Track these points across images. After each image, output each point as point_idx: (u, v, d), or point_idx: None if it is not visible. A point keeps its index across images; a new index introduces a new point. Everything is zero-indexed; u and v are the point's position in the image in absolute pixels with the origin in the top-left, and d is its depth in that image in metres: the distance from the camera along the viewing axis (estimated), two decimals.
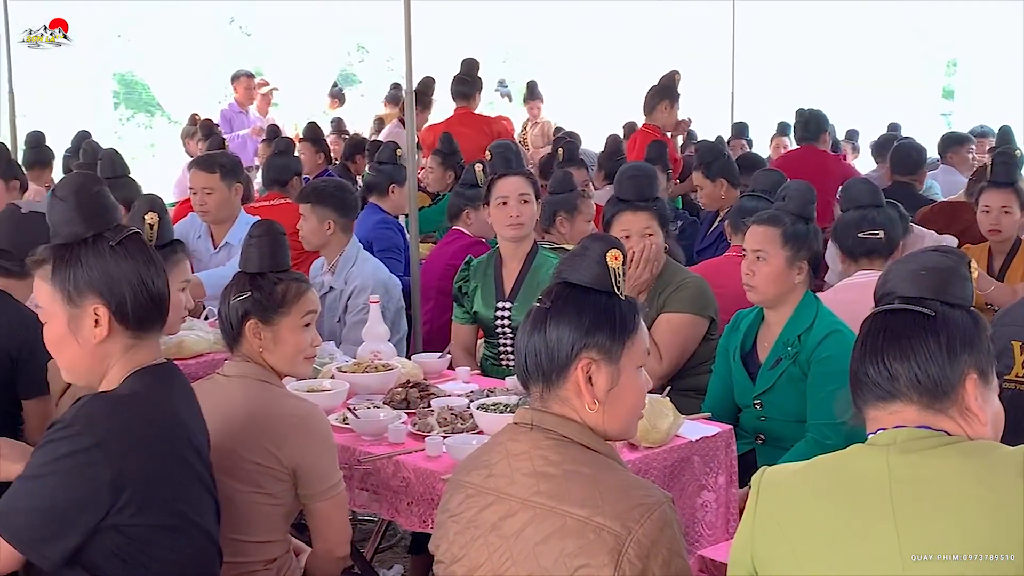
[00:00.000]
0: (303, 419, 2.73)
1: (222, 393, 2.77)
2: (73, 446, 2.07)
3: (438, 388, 3.62)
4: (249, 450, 2.67)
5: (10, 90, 7.18)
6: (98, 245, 2.18)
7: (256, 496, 2.69)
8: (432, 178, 6.77)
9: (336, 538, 2.77)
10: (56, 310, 2.19)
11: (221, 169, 5.18)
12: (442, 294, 4.93)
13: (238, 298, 2.85)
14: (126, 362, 2.21)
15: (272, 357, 2.84)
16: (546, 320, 2.08)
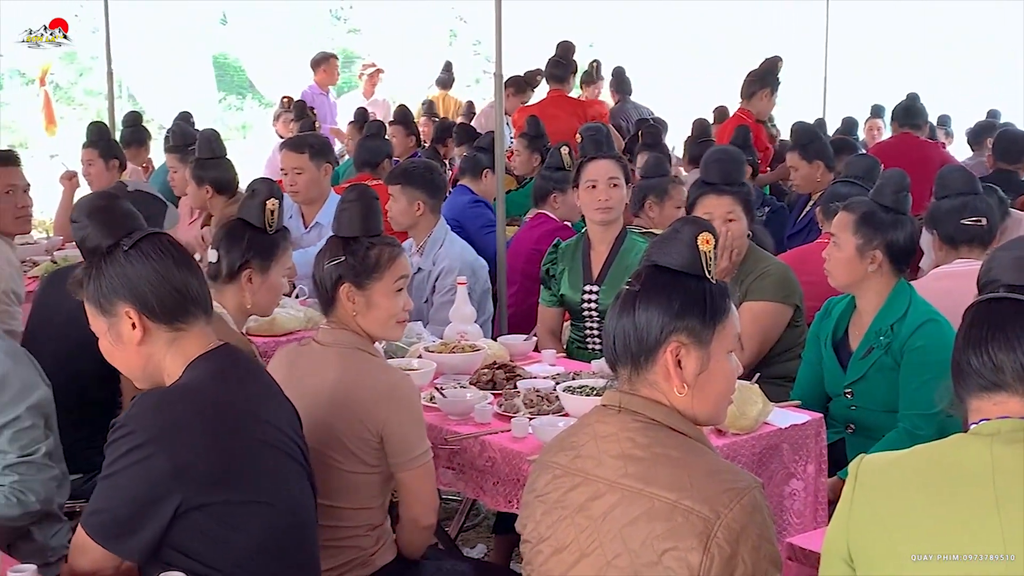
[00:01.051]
0: (392, 388, 2.77)
1: (317, 361, 2.81)
2: (129, 444, 2.13)
3: (524, 370, 3.63)
4: (340, 419, 2.72)
5: (109, 71, 7.35)
6: (114, 253, 2.25)
7: (351, 464, 2.74)
8: (518, 161, 6.77)
9: (422, 508, 2.81)
10: (99, 324, 2.28)
11: (310, 149, 5.24)
12: (528, 277, 4.94)
13: (332, 262, 2.88)
14: (177, 354, 2.27)
15: (365, 321, 2.87)
16: (635, 303, 2.06)
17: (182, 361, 2.26)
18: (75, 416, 2.91)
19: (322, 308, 2.93)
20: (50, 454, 2.75)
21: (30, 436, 2.71)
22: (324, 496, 2.66)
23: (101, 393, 3.49)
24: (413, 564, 2.88)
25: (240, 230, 3.27)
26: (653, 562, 1.90)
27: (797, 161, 5.94)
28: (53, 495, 2.74)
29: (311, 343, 2.92)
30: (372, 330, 2.90)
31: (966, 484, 1.74)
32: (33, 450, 2.71)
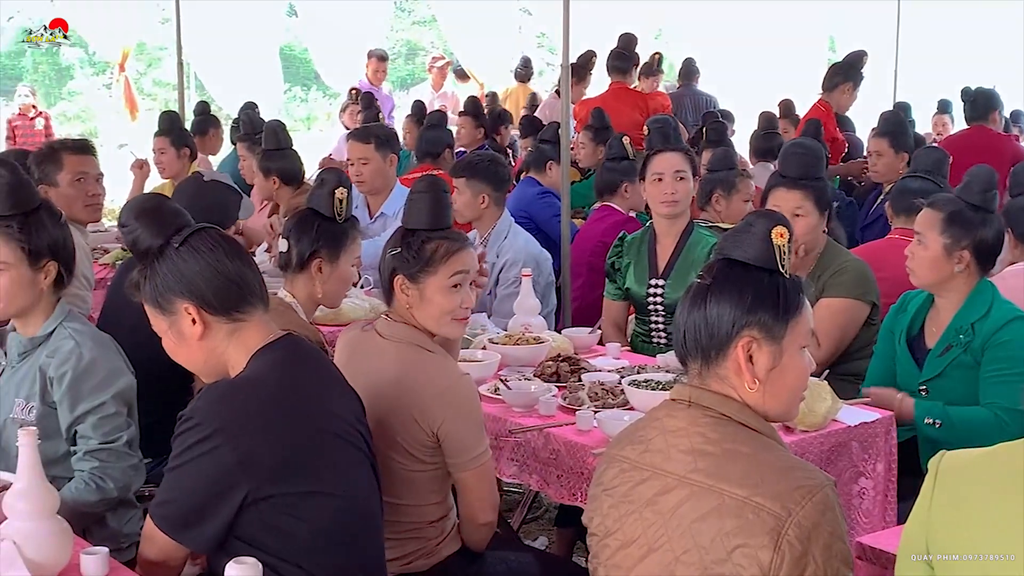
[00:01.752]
0: (448, 388, 2.73)
1: (377, 354, 2.81)
2: (195, 437, 2.16)
3: (588, 363, 3.62)
4: (397, 417, 2.71)
5: (180, 62, 7.44)
6: (165, 252, 2.28)
7: (406, 462, 2.73)
8: (583, 153, 6.76)
9: (480, 506, 2.79)
10: (160, 323, 2.32)
11: (376, 140, 5.27)
12: (593, 270, 4.92)
13: (390, 253, 2.88)
14: (239, 345, 2.29)
15: (419, 315, 2.84)
16: (707, 296, 2.04)
17: (245, 352, 2.28)
18: (147, 401, 2.95)
19: (384, 298, 2.93)
20: (130, 442, 2.78)
21: (113, 423, 2.74)
22: (384, 492, 2.67)
23: (173, 379, 3.52)
24: (477, 555, 2.88)
25: (310, 219, 3.29)
26: (722, 559, 1.89)
27: (885, 149, 5.81)
28: (131, 483, 2.78)
29: (372, 333, 2.90)
30: (427, 325, 2.85)
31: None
32: (115, 437, 2.75)
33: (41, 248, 2.78)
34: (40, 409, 2.77)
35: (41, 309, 2.83)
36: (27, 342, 2.83)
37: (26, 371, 2.80)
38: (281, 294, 3.28)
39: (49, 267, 2.80)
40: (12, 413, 2.80)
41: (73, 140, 4.47)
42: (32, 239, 2.76)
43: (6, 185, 2.76)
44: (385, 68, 10.68)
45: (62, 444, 2.77)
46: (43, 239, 2.78)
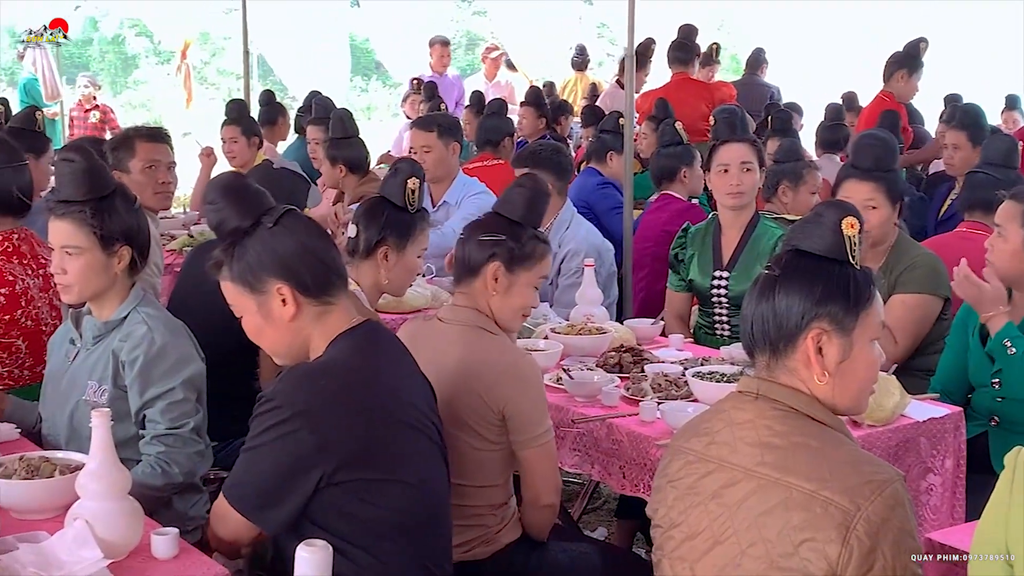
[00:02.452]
0: (513, 365, 2.77)
1: (439, 338, 2.83)
2: (276, 418, 2.18)
3: (651, 354, 3.61)
4: (462, 396, 2.74)
5: (245, 51, 7.52)
6: (259, 231, 2.29)
7: (473, 441, 2.76)
8: (646, 144, 6.72)
9: (542, 486, 2.80)
10: (245, 302, 2.31)
11: (439, 128, 5.29)
12: (658, 260, 4.89)
13: (489, 238, 2.88)
14: (323, 329, 2.31)
15: (498, 304, 2.87)
16: (775, 288, 2.02)
17: (327, 337, 2.30)
18: (212, 386, 2.98)
19: (458, 278, 2.92)
20: (197, 429, 2.81)
21: (181, 409, 2.78)
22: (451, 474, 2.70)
23: (240, 364, 3.58)
24: (538, 543, 2.89)
25: (380, 207, 3.32)
26: (789, 553, 1.87)
27: (963, 142, 5.69)
28: (196, 468, 2.81)
29: (434, 320, 2.94)
30: (501, 314, 2.90)
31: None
32: (182, 423, 2.78)
33: (114, 233, 2.81)
34: (112, 392, 2.81)
35: (115, 293, 2.87)
36: (101, 326, 2.87)
37: (99, 354, 2.85)
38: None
39: (123, 252, 2.84)
40: (85, 395, 2.84)
41: (147, 128, 4.51)
42: (105, 224, 2.80)
43: (79, 171, 2.80)
44: (449, 53, 10.69)
45: (131, 427, 2.81)
46: (116, 224, 2.82)
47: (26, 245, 3.39)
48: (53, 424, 2.90)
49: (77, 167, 2.81)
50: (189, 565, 2.14)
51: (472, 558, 2.80)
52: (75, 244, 2.79)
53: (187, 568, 2.13)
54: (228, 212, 2.31)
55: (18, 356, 3.33)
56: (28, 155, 3.67)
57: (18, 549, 2.10)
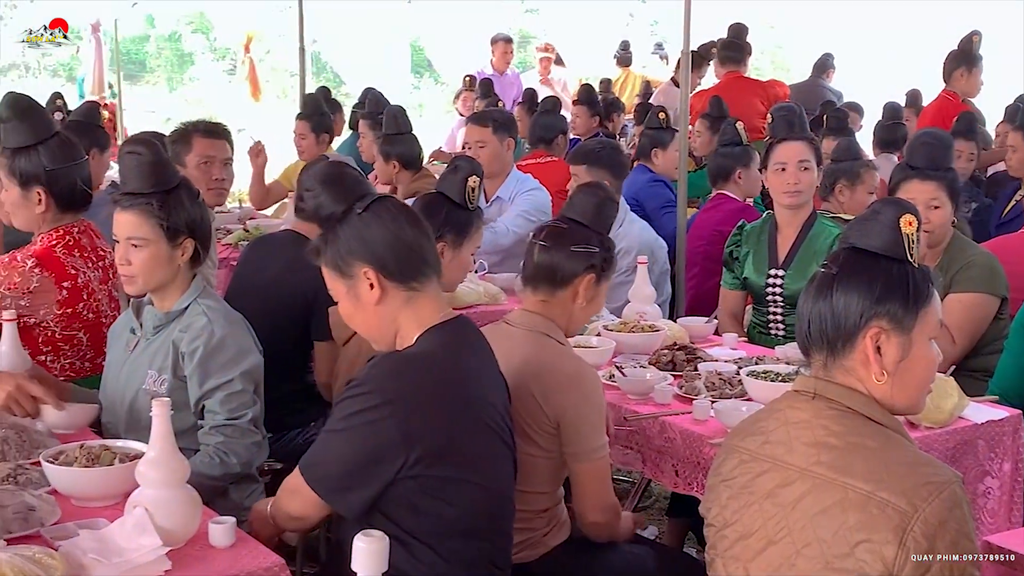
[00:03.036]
0: (574, 375, 2.75)
1: (505, 341, 2.82)
2: (364, 404, 2.20)
3: (704, 352, 3.59)
4: (520, 400, 2.72)
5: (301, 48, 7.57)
6: (349, 217, 2.33)
7: (526, 447, 2.73)
8: (700, 142, 6.69)
9: (589, 504, 2.78)
10: (338, 287, 2.35)
11: (494, 123, 5.31)
12: (709, 259, 4.87)
13: (584, 249, 2.85)
14: (412, 317, 2.32)
15: (583, 314, 2.90)
16: (833, 286, 2.00)
17: (417, 326, 2.32)
18: (268, 379, 3.01)
19: (536, 284, 2.88)
20: (255, 420, 2.84)
21: (239, 400, 2.81)
22: None
23: (294, 358, 3.62)
24: (587, 544, 2.87)
25: (438, 203, 3.33)
26: (845, 553, 1.86)
27: (1020, 143, 5.62)
28: (253, 459, 2.84)
29: (501, 322, 2.94)
30: (577, 323, 2.94)
31: None
32: (240, 414, 2.81)
33: (179, 225, 2.85)
34: (171, 382, 2.85)
35: (177, 285, 2.91)
36: (162, 316, 2.91)
37: (160, 344, 2.89)
38: None
39: (186, 244, 2.88)
40: (145, 384, 2.88)
41: (206, 123, 4.54)
42: (170, 216, 2.84)
43: (147, 164, 2.84)
44: (511, 51, 10.71)
45: (190, 417, 2.85)
46: (181, 217, 2.85)
47: (86, 238, 3.44)
48: (113, 412, 2.94)
49: (143, 160, 2.85)
50: (245, 554, 2.15)
51: (519, 561, 2.78)
52: (141, 236, 2.83)
53: (243, 557, 2.14)
54: (324, 198, 2.36)
55: (80, 348, 3.38)
56: (91, 149, 3.72)
57: (79, 536, 2.13)
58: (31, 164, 3.31)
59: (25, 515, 2.20)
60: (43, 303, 3.26)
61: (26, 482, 2.39)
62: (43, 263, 3.28)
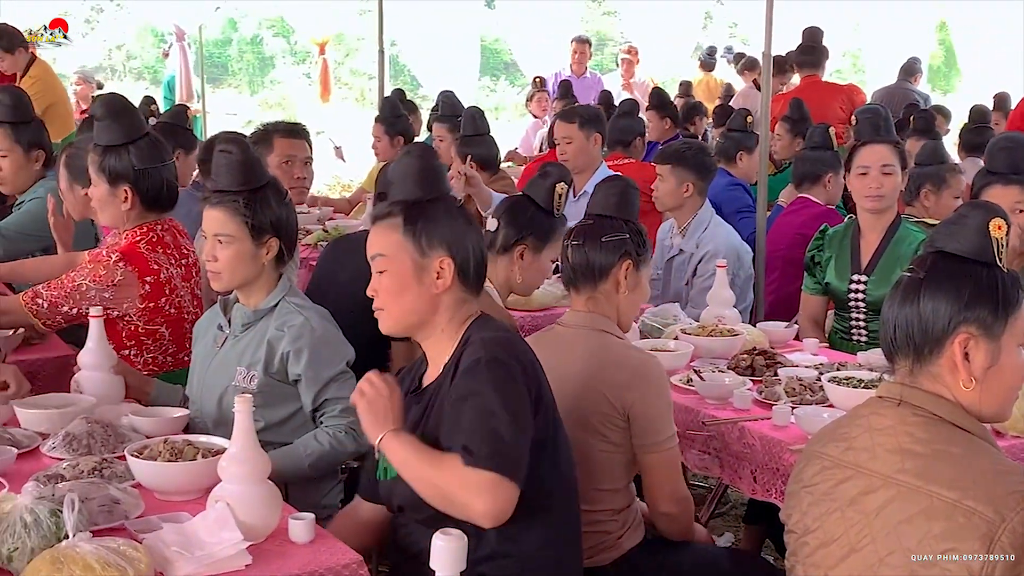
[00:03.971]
0: (640, 367, 2.77)
1: (562, 344, 2.84)
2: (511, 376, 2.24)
3: (785, 357, 3.54)
4: (588, 398, 2.74)
5: (380, 50, 7.64)
6: (447, 204, 2.38)
7: (599, 444, 2.76)
8: (780, 145, 6.61)
9: (661, 494, 2.80)
10: (404, 258, 2.36)
11: (580, 119, 5.36)
12: (790, 263, 4.81)
13: (615, 238, 2.88)
14: (461, 314, 2.38)
15: (627, 302, 2.91)
16: (919, 291, 1.96)
17: (463, 321, 2.39)
18: None
19: (577, 283, 2.91)
20: None
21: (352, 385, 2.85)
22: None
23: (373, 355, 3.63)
24: (662, 547, 2.86)
25: (524, 206, 3.35)
26: (929, 563, 1.82)
27: None
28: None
29: (553, 328, 2.95)
30: (628, 313, 2.93)
31: None
32: None
33: (264, 224, 2.90)
34: (262, 378, 2.90)
35: (263, 283, 2.95)
36: (251, 314, 2.96)
37: (248, 341, 2.93)
38: None
39: (271, 243, 2.92)
40: (234, 380, 2.93)
41: (286, 123, 4.61)
42: (256, 215, 2.89)
43: (236, 162, 2.90)
44: (588, 53, 10.71)
45: (280, 411, 2.90)
46: (267, 215, 2.90)
47: (169, 236, 3.51)
48: (201, 408, 2.99)
49: (233, 158, 2.90)
50: (324, 550, 2.17)
51: (595, 564, 2.79)
52: (227, 232, 2.88)
53: (322, 553, 2.16)
54: (413, 176, 2.42)
55: (162, 343, 3.45)
56: (177, 151, 3.80)
57: (162, 529, 2.16)
58: (120, 163, 3.39)
59: (110, 508, 2.24)
60: (126, 297, 3.34)
61: (111, 476, 2.43)
62: (127, 258, 3.36)
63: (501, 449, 2.17)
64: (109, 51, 19.07)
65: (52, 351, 3.57)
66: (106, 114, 3.44)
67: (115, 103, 3.50)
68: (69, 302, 3.31)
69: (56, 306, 3.32)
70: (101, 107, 3.49)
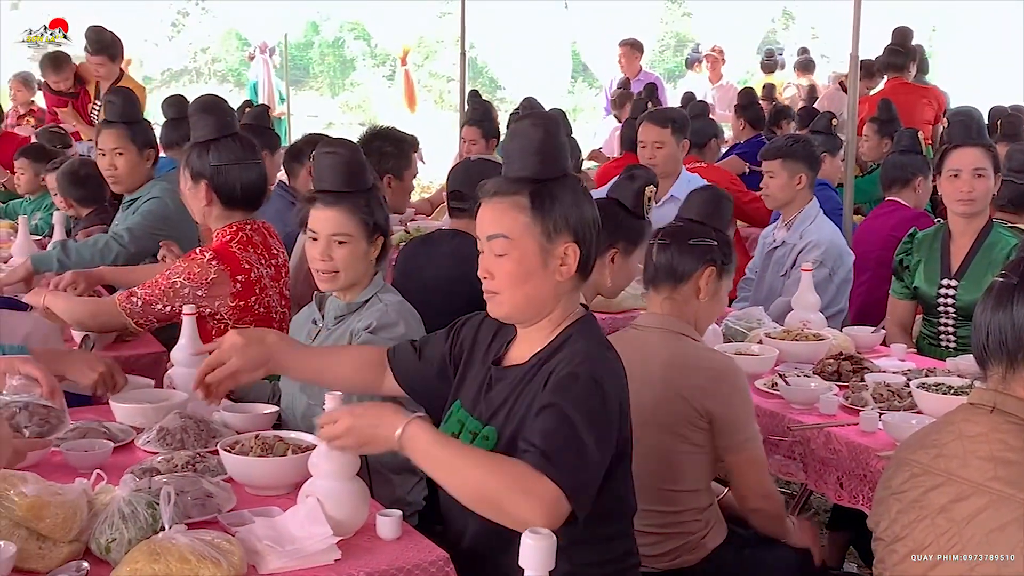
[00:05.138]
0: (719, 368, 2.79)
1: (640, 346, 2.84)
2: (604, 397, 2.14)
3: (872, 363, 3.50)
4: (670, 400, 2.75)
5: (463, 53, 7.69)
6: (573, 184, 2.24)
7: (681, 446, 2.77)
8: (867, 147, 6.52)
9: (747, 491, 2.81)
10: (530, 242, 2.20)
11: (672, 124, 5.27)
12: (880, 267, 4.74)
13: (703, 243, 2.89)
14: (571, 305, 2.28)
15: (706, 308, 2.91)
16: (1013, 296, 1.93)
17: (565, 315, 2.27)
18: None
19: (657, 283, 2.90)
20: None
21: None
22: (653, 479, 2.71)
23: None
24: (741, 548, 2.87)
25: (614, 210, 3.34)
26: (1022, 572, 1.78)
27: None
28: None
29: (628, 330, 2.95)
30: (706, 319, 2.95)
31: None
32: None
33: (377, 223, 2.96)
34: None
35: (363, 279, 3.01)
36: (344, 306, 3.01)
37: (340, 334, 2.98)
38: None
39: (379, 241, 2.98)
40: None
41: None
42: (372, 214, 2.94)
43: (345, 163, 2.95)
44: (638, 55, 10.63)
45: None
46: (379, 215, 2.96)
47: (258, 236, 3.56)
48: (292, 401, 3.04)
49: (341, 159, 2.95)
50: (411, 546, 2.19)
51: (678, 566, 2.80)
52: (346, 232, 2.93)
53: (409, 549, 2.18)
54: (532, 152, 2.22)
55: None
56: (263, 151, 3.85)
57: (254, 523, 2.20)
58: (200, 160, 3.47)
59: (204, 501, 2.28)
60: (218, 295, 3.41)
61: (204, 470, 2.48)
62: (220, 256, 3.43)
63: (579, 471, 2.04)
64: (194, 54, 19.43)
65: (145, 347, 3.67)
66: (194, 111, 3.54)
67: (203, 102, 3.58)
68: (163, 300, 3.38)
69: (150, 305, 3.39)
70: (193, 105, 3.60)
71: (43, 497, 2.04)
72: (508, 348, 2.35)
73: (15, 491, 2.04)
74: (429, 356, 2.50)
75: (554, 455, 2.02)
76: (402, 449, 2.10)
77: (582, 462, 2.05)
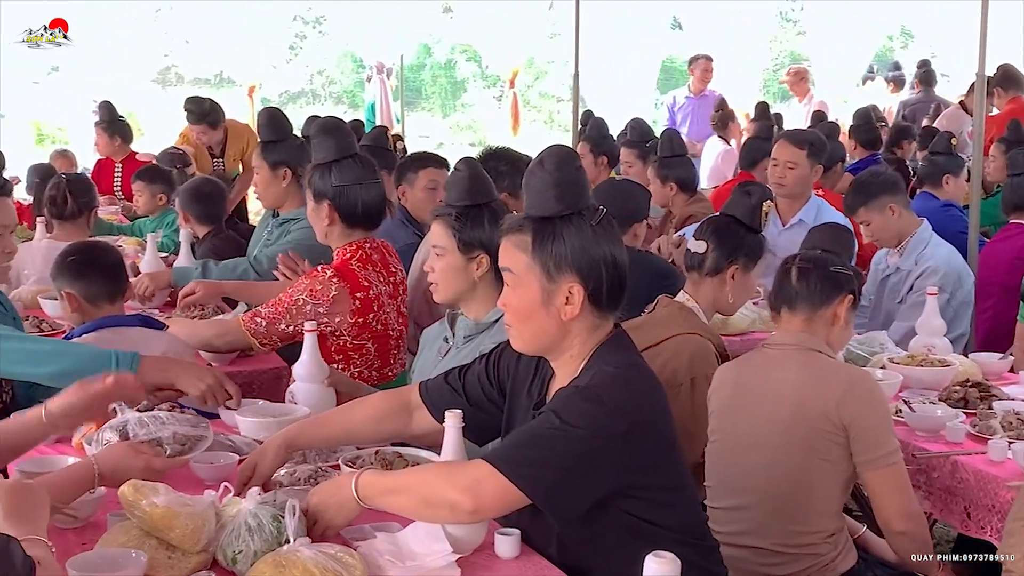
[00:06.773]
0: (856, 381, 2.76)
1: (772, 365, 2.84)
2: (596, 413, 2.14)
3: (1000, 390, 3.40)
4: (804, 415, 2.72)
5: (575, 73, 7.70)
6: (579, 224, 2.21)
7: (815, 461, 2.73)
8: (993, 167, 6.32)
9: (891, 512, 2.72)
10: (531, 281, 2.23)
11: (810, 147, 5.11)
12: (1006, 291, 4.59)
13: (843, 272, 2.91)
14: (594, 338, 2.26)
15: (837, 337, 2.90)
16: None
17: (592, 344, 2.26)
18: None
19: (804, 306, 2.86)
20: None
21: None
22: (785, 497, 2.69)
23: None
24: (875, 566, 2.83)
25: (733, 227, 3.33)
26: None
27: None
28: None
29: (762, 350, 2.93)
30: (838, 345, 2.96)
31: None
32: None
33: (472, 240, 2.96)
34: None
35: (483, 297, 3.00)
36: (473, 326, 3.04)
37: (468, 352, 2.98)
38: (680, 297, 3.33)
39: (482, 259, 2.97)
40: None
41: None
42: (464, 230, 2.96)
43: (462, 179, 3.00)
44: (711, 70, 10.46)
45: None
46: (477, 233, 2.96)
47: (377, 254, 3.61)
48: None
49: (461, 175, 3.01)
50: (530, 566, 2.18)
51: None
52: (440, 244, 2.99)
53: (528, 570, 2.17)
54: (549, 189, 2.22)
55: (368, 357, 3.55)
56: (382, 172, 3.90)
57: (376, 538, 2.22)
58: (323, 180, 3.53)
59: None
60: (339, 312, 3.46)
61: None
62: (340, 274, 3.49)
63: (520, 455, 2.11)
64: (311, 76, 19.83)
65: (267, 363, 3.75)
66: (316, 133, 3.61)
67: (325, 124, 3.66)
68: (286, 318, 3.44)
69: (274, 324, 3.45)
70: (315, 127, 3.67)
71: (174, 508, 2.09)
72: (548, 387, 2.36)
73: (147, 501, 2.10)
74: (469, 390, 2.51)
75: (504, 447, 2.15)
76: (363, 499, 2.19)
77: (535, 455, 2.09)
